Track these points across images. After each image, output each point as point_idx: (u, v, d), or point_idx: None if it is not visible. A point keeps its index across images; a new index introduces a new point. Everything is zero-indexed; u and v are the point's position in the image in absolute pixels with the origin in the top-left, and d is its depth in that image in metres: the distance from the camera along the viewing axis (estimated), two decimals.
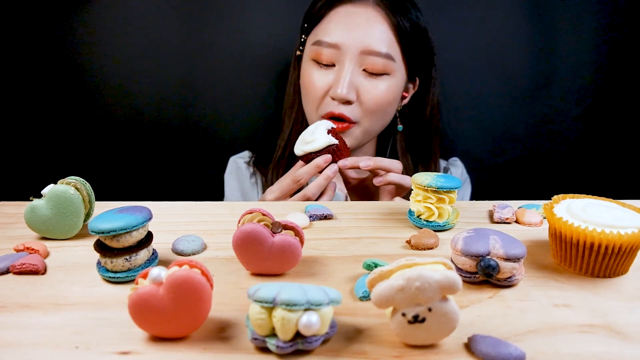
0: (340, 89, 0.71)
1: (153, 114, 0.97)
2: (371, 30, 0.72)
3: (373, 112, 0.74)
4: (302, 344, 0.30)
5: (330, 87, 0.74)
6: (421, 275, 0.28)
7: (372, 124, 0.76)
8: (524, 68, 0.95)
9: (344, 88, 0.71)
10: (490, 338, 0.31)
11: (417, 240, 0.46)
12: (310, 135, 0.65)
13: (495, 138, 0.99)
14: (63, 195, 0.46)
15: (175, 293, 0.30)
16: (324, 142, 0.63)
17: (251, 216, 0.41)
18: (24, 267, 0.40)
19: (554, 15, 0.93)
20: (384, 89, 0.74)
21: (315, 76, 0.75)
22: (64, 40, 0.92)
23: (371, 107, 0.74)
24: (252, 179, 0.87)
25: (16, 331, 0.33)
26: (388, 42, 0.73)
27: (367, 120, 0.75)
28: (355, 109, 0.74)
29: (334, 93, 0.72)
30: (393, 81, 0.75)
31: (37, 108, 0.95)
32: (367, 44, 0.71)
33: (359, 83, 0.73)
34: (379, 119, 0.77)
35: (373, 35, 0.72)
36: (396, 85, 0.76)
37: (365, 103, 0.73)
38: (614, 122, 0.97)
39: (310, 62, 0.76)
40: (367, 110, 0.74)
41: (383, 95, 0.74)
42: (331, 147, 0.63)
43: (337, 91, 0.71)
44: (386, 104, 0.75)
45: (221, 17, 0.94)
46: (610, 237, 0.38)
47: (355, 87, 0.73)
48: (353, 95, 0.72)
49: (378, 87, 0.73)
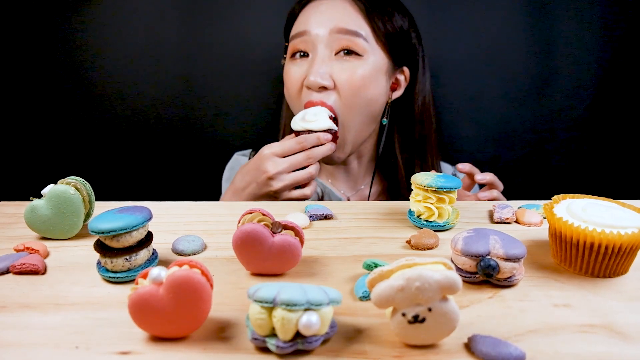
0: (313, 76, 0.69)
1: (153, 114, 0.97)
2: (337, 13, 0.72)
3: (350, 98, 0.71)
4: (302, 344, 0.30)
5: (304, 77, 0.72)
6: (421, 275, 0.28)
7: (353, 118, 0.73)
8: (524, 68, 0.95)
9: (317, 75, 0.69)
10: (490, 338, 0.31)
11: (417, 240, 0.46)
12: (314, 115, 0.67)
13: (495, 138, 0.99)
14: (63, 195, 0.46)
15: (175, 293, 0.30)
16: (326, 125, 0.67)
17: (251, 216, 0.41)
18: (24, 267, 0.40)
19: (554, 15, 0.93)
20: (359, 71, 0.71)
21: (291, 70, 0.74)
22: (64, 40, 0.92)
23: (346, 90, 0.71)
24: None
25: (16, 331, 0.33)
26: (357, 22, 0.72)
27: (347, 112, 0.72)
28: (331, 95, 0.71)
29: (307, 81, 0.71)
30: (368, 64, 0.72)
31: (37, 108, 0.95)
32: (334, 24, 0.71)
33: (333, 68, 0.71)
34: (360, 107, 0.72)
35: (340, 15, 0.72)
36: (373, 68, 0.72)
37: (340, 87, 0.71)
38: (613, 122, 0.97)
39: (288, 61, 0.77)
40: (344, 97, 0.71)
41: (358, 78, 0.71)
42: (331, 131, 0.68)
43: (310, 79, 0.70)
44: (363, 87, 0.72)
45: (221, 17, 0.94)
46: (610, 237, 0.38)
47: (329, 73, 0.71)
48: (328, 81, 0.70)
49: (352, 69, 0.71)
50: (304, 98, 0.72)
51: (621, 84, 0.95)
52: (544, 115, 0.97)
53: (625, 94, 0.96)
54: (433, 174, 0.51)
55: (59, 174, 0.53)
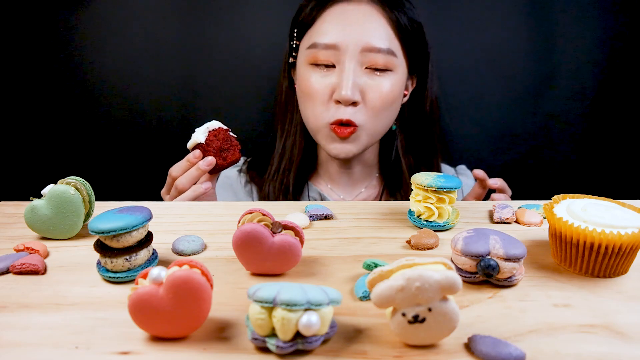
0: (345, 91, 0.68)
1: (153, 114, 0.97)
2: (369, 26, 0.70)
3: (379, 112, 0.72)
4: (302, 344, 0.30)
5: (332, 90, 0.71)
6: (421, 275, 0.28)
7: (377, 125, 0.74)
8: (524, 68, 0.95)
9: (348, 89, 0.68)
10: (490, 338, 0.30)
11: (417, 240, 0.46)
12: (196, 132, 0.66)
13: (496, 138, 0.99)
14: (63, 195, 0.46)
15: (175, 293, 0.30)
16: (193, 140, 0.65)
17: (251, 216, 0.41)
18: (24, 267, 0.40)
19: (554, 15, 0.93)
20: (388, 86, 0.71)
21: (315, 79, 0.72)
22: (64, 40, 0.92)
23: (377, 106, 0.71)
24: (246, 187, 0.84)
25: (16, 331, 0.33)
26: (388, 38, 0.71)
27: (372, 122, 0.72)
28: (360, 111, 0.71)
29: (338, 95, 0.69)
30: (396, 78, 0.72)
31: (37, 108, 0.95)
32: (366, 41, 0.69)
33: (363, 82, 0.70)
34: (384, 118, 0.74)
35: (372, 31, 0.70)
36: (400, 81, 0.73)
37: (370, 102, 0.71)
38: (614, 122, 0.97)
39: (307, 67, 0.73)
40: (373, 110, 0.71)
41: (388, 93, 0.71)
42: (200, 146, 0.65)
43: (341, 93, 0.68)
44: (391, 102, 0.73)
45: (221, 17, 0.94)
46: (610, 237, 0.38)
47: (359, 87, 0.70)
48: (358, 96, 0.70)
49: (382, 85, 0.71)
50: (333, 114, 0.71)
51: (621, 84, 0.95)
52: (544, 115, 0.97)
53: (625, 94, 0.96)
54: (433, 174, 0.51)
55: (59, 174, 0.53)
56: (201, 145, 0.65)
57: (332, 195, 0.84)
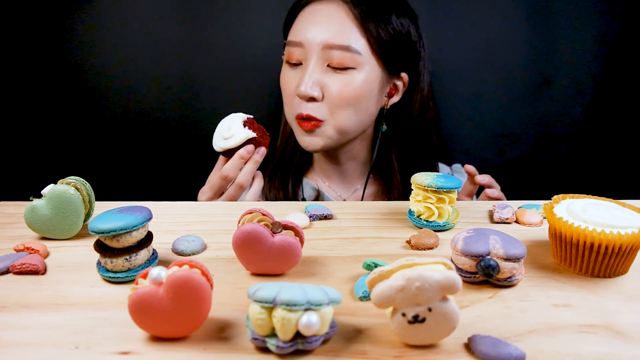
0: (304, 87, 0.71)
1: (153, 113, 0.97)
2: (332, 24, 0.71)
3: (341, 107, 0.73)
4: (302, 344, 0.30)
5: (297, 86, 0.74)
6: (421, 275, 0.28)
7: (344, 121, 0.74)
8: (524, 68, 0.95)
9: (307, 85, 0.71)
10: (490, 338, 0.31)
11: (417, 240, 0.46)
12: (227, 130, 0.64)
13: (495, 138, 0.99)
14: (63, 195, 0.46)
15: (175, 293, 0.30)
16: (242, 137, 0.63)
17: (251, 216, 0.41)
18: (24, 267, 0.40)
19: (553, 15, 0.93)
20: (350, 83, 0.72)
21: (287, 76, 0.76)
22: (64, 40, 0.92)
23: (337, 102, 0.72)
24: None
25: (16, 331, 0.33)
26: (351, 36, 0.71)
27: (336, 117, 0.73)
28: (322, 107, 0.73)
29: (297, 91, 0.72)
30: (361, 75, 0.72)
31: (37, 108, 0.95)
32: (326, 38, 0.71)
33: (323, 79, 0.72)
34: (351, 114, 0.74)
35: (333, 29, 0.71)
36: (366, 79, 0.73)
37: (329, 98, 0.72)
38: (613, 122, 0.97)
39: (285, 64, 0.78)
40: (334, 106, 0.72)
41: (350, 90, 0.72)
42: (250, 140, 0.64)
43: (300, 89, 0.71)
44: (355, 99, 0.73)
45: (221, 17, 0.94)
46: (610, 237, 0.38)
47: (319, 84, 0.72)
48: (317, 92, 0.71)
49: (343, 82, 0.72)
50: (296, 107, 0.74)
51: (621, 84, 0.95)
52: (544, 115, 0.97)
53: (624, 94, 0.96)
54: (433, 174, 0.51)
55: (59, 174, 0.53)
56: (253, 139, 0.64)
57: (328, 192, 0.84)
